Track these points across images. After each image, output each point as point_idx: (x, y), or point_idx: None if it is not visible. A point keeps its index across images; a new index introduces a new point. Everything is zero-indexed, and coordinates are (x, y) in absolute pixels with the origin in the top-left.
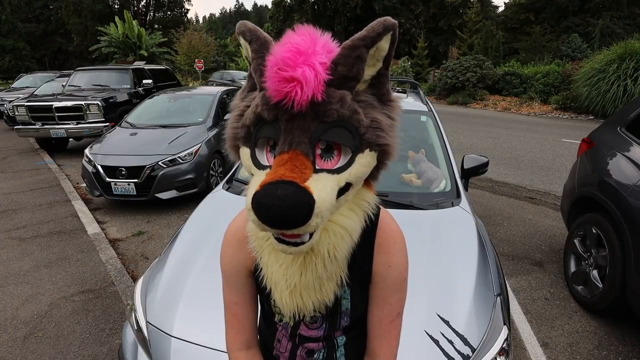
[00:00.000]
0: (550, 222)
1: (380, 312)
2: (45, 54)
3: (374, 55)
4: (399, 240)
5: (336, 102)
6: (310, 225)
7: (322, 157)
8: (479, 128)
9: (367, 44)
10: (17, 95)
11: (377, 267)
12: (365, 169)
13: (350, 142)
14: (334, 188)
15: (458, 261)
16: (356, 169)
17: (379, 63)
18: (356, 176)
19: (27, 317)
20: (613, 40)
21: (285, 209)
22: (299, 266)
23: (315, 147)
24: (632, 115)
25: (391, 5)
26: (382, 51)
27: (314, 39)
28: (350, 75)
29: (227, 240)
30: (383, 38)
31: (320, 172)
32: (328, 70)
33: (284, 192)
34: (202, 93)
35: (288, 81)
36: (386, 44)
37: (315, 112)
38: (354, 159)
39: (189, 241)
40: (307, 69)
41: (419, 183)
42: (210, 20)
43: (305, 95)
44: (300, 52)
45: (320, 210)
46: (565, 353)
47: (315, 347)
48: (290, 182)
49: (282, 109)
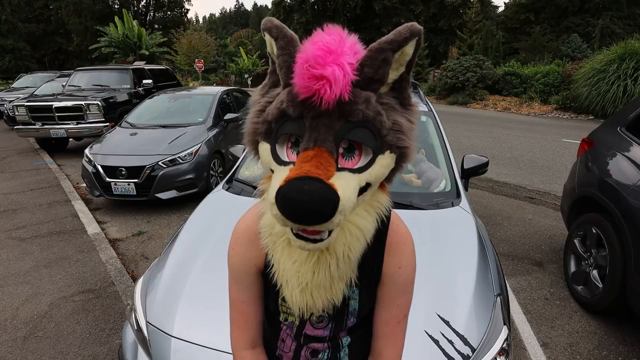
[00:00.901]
0: (550, 222)
1: (387, 313)
2: (45, 54)
3: (398, 60)
4: (409, 243)
5: (362, 102)
6: (333, 222)
7: (344, 156)
8: (479, 128)
9: (394, 48)
10: (17, 95)
11: (388, 268)
12: (384, 170)
13: (372, 143)
14: (356, 187)
15: (458, 261)
16: (376, 169)
17: (402, 67)
18: (376, 177)
19: (27, 317)
20: (613, 40)
21: (313, 204)
22: (312, 265)
23: (339, 145)
24: (632, 115)
25: (391, 5)
26: (406, 56)
27: (343, 39)
28: (376, 78)
29: (236, 237)
30: (409, 43)
31: (342, 170)
32: (355, 71)
33: (310, 188)
34: (202, 93)
35: (318, 79)
36: (411, 49)
37: (341, 111)
38: (374, 159)
39: (188, 241)
40: (337, 68)
41: (419, 183)
42: (210, 20)
43: (334, 94)
44: (331, 51)
45: (344, 207)
46: (565, 353)
47: (320, 347)
48: (316, 178)
49: (309, 106)
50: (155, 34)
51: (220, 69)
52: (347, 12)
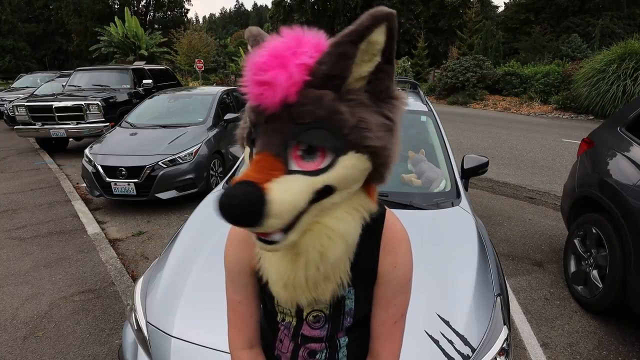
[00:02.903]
0: (550, 222)
1: (384, 313)
2: (45, 54)
3: (367, 50)
4: (404, 241)
5: (311, 103)
6: (266, 225)
7: (304, 159)
8: (479, 128)
9: (354, 39)
10: (17, 95)
11: (383, 267)
12: (349, 171)
13: (331, 143)
14: (304, 190)
15: (458, 261)
16: (337, 172)
17: (377, 57)
18: (338, 179)
19: (27, 317)
20: (613, 40)
21: (233, 208)
22: (288, 264)
23: (294, 148)
24: (632, 115)
25: (391, 5)
26: (376, 45)
27: (298, 40)
28: (333, 74)
29: (231, 238)
30: (374, 31)
31: (294, 173)
32: (310, 70)
33: (236, 192)
34: (202, 93)
35: (260, 84)
36: (380, 37)
37: (289, 113)
38: (335, 161)
39: (188, 241)
40: (280, 72)
41: (419, 183)
42: (210, 20)
43: (276, 98)
44: (276, 55)
45: (277, 211)
46: (565, 353)
47: (318, 347)
48: (249, 182)
49: (259, 112)
50: (155, 34)
51: (220, 69)
52: (347, 12)
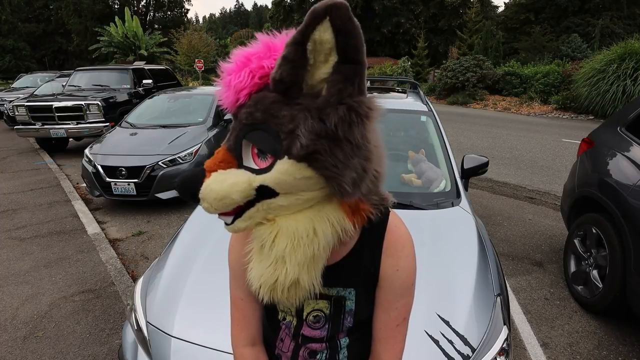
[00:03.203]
0: (550, 222)
1: (386, 315)
2: (45, 54)
3: (317, 51)
4: (407, 244)
5: (252, 105)
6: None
7: (259, 157)
8: (479, 128)
9: (297, 40)
10: (17, 95)
11: (385, 270)
12: (284, 177)
13: (269, 147)
14: (239, 184)
15: (458, 261)
16: (273, 175)
17: (332, 57)
18: (275, 182)
19: (27, 317)
20: (613, 40)
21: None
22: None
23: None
24: (632, 115)
25: (391, 5)
26: (325, 44)
27: (268, 46)
28: (283, 79)
29: (235, 235)
30: (316, 29)
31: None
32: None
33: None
34: (202, 93)
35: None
36: (326, 34)
37: (240, 114)
38: (273, 164)
39: (188, 241)
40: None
41: (419, 183)
42: (210, 20)
43: (231, 99)
44: (241, 60)
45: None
46: (565, 353)
47: (318, 347)
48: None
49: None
50: (155, 34)
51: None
52: None
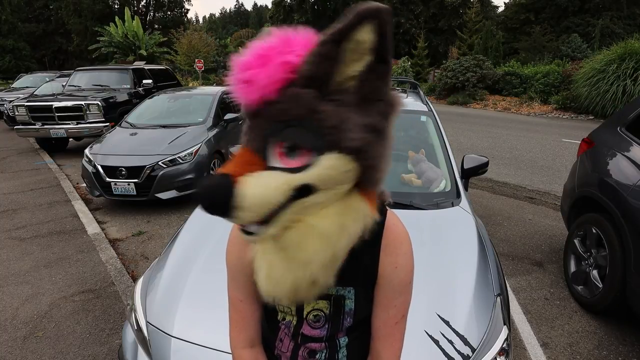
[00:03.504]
0: (550, 222)
1: (384, 314)
2: (45, 54)
3: (355, 50)
4: (405, 242)
5: (289, 101)
6: (237, 217)
7: (288, 156)
8: (479, 128)
9: (336, 39)
10: (17, 95)
11: (383, 268)
12: (329, 172)
13: (310, 143)
14: (280, 187)
15: (458, 261)
16: (317, 171)
17: (367, 56)
18: (318, 179)
19: (27, 317)
20: (613, 40)
21: (202, 198)
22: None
23: (277, 145)
24: (632, 115)
25: (391, 5)
26: (364, 44)
27: (286, 40)
28: (317, 75)
29: (233, 237)
30: (360, 29)
31: (273, 169)
32: (295, 69)
33: (209, 183)
34: (202, 93)
35: (243, 83)
36: (368, 35)
37: (270, 111)
38: (316, 160)
39: (188, 241)
40: (261, 70)
41: (419, 183)
42: (210, 20)
43: (256, 95)
44: (260, 55)
45: (248, 204)
46: (565, 353)
47: (318, 347)
48: (223, 174)
49: (247, 110)
50: (155, 34)
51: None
52: None
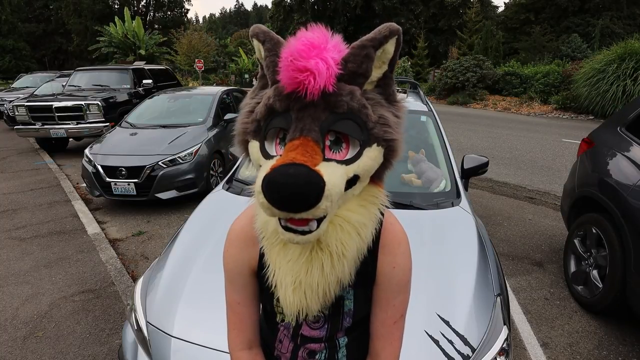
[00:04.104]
0: (550, 222)
1: (383, 313)
2: (45, 54)
3: (380, 57)
4: (403, 242)
5: (346, 94)
6: (319, 208)
7: (331, 149)
8: (479, 128)
9: (375, 45)
10: (17, 95)
11: (382, 268)
12: (372, 162)
13: (359, 135)
14: (343, 176)
15: (458, 261)
16: (364, 162)
17: (385, 65)
18: (364, 169)
19: (27, 317)
20: (613, 40)
21: (297, 187)
22: (305, 262)
23: (325, 137)
24: (632, 115)
25: (391, 5)
26: (387, 54)
27: (326, 37)
28: (360, 72)
29: (231, 239)
30: (389, 41)
31: (329, 161)
32: (339, 65)
33: (296, 171)
34: (202, 93)
35: (301, 71)
36: (392, 47)
37: (326, 102)
38: (362, 152)
39: (188, 241)
40: (320, 61)
41: (419, 183)
42: (210, 20)
43: (318, 85)
44: (314, 45)
45: (330, 193)
46: (565, 353)
47: (317, 347)
48: (301, 164)
49: (295, 99)
50: (155, 34)
51: (220, 69)
52: (347, 12)
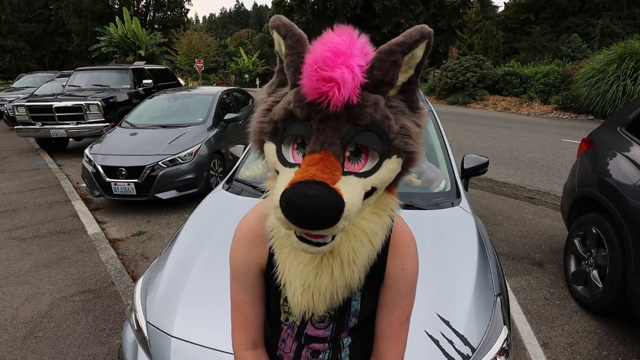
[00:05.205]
0: (550, 222)
1: (390, 315)
2: (45, 54)
3: (408, 62)
4: (412, 244)
5: (370, 105)
6: (337, 227)
7: (350, 160)
8: (479, 128)
9: (404, 50)
10: (17, 95)
11: (391, 270)
12: (390, 174)
13: (380, 147)
14: (362, 192)
15: (458, 261)
16: (382, 174)
17: (412, 70)
18: (382, 181)
19: (27, 317)
20: (613, 40)
21: (317, 210)
22: (315, 266)
23: (345, 149)
24: (632, 115)
25: (391, 5)
26: (416, 58)
27: (353, 41)
28: (385, 80)
29: (238, 237)
30: (419, 45)
31: (348, 174)
32: (364, 73)
33: (316, 193)
34: (202, 93)
35: (326, 81)
36: (421, 52)
37: (349, 114)
38: (381, 163)
39: (189, 241)
40: (346, 71)
41: (419, 183)
42: (210, 20)
43: (342, 97)
44: (340, 52)
45: (349, 212)
46: (565, 353)
47: (321, 347)
48: (322, 182)
49: (316, 108)
50: (155, 34)
51: (220, 69)
52: (347, 12)
